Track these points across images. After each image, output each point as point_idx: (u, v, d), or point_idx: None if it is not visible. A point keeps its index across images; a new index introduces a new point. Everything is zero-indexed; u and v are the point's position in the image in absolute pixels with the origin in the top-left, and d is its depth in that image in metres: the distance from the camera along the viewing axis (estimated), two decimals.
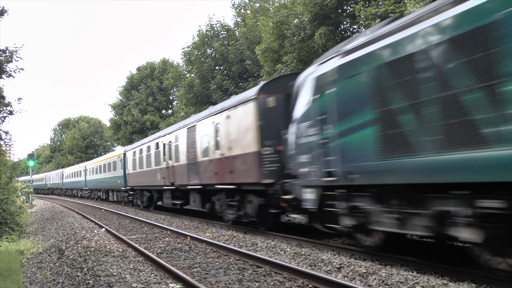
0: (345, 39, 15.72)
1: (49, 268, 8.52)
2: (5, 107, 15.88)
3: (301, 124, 8.51)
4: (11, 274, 7.50)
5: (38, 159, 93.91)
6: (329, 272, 6.69)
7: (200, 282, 6.41)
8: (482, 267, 5.55)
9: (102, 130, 72.45)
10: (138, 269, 7.31)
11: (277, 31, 17.66)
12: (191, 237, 10.87)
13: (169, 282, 6.43)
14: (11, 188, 19.23)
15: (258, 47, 19.05)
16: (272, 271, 6.88)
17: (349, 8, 15.73)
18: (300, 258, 7.78)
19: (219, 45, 25.62)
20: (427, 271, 6.35)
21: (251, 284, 6.20)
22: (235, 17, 27.84)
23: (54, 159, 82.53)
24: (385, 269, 6.45)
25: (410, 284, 5.55)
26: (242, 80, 25.62)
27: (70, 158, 68.45)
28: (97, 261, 7.94)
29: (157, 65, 43.09)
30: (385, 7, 12.22)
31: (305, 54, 16.53)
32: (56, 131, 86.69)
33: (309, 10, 15.28)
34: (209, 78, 25.97)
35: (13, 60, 14.97)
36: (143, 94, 40.78)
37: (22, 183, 33.18)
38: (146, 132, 39.97)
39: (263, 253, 8.63)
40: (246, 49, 24.01)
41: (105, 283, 6.41)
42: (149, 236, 12.01)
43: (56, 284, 6.98)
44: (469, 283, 5.56)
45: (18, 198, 24.30)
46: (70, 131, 75.55)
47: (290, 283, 6.13)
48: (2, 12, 14.66)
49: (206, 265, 7.66)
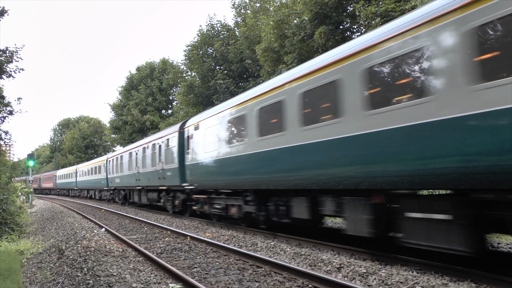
0: (345, 39, 15.73)
1: (49, 268, 8.52)
2: (5, 107, 15.87)
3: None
4: (11, 274, 7.50)
5: (38, 159, 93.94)
6: (329, 272, 6.68)
7: (200, 282, 6.40)
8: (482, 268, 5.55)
9: (102, 130, 72.45)
10: (138, 269, 7.31)
11: (277, 31, 17.67)
12: (191, 237, 10.87)
13: (169, 282, 6.42)
14: (11, 188, 19.22)
15: (258, 47, 19.05)
16: (272, 271, 6.87)
17: (349, 7, 15.72)
18: (300, 258, 7.78)
19: (219, 45, 25.62)
20: (427, 271, 6.35)
21: (251, 284, 6.20)
22: (235, 17, 27.85)
23: (54, 159, 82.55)
24: (385, 269, 6.44)
25: (410, 284, 5.54)
26: (242, 80, 25.63)
27: (70, 158, 68.47)
28: (97, 261, 7.94)
29: (157, 65, 43.09)
30: (385, 6, 12.22)
31: (306, 54, 16.53)
32: (56, 131, 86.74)
33: (309, 9, 15.28)
34: (210, 77, 25.98)
35: (13, 61, 14.98)
36: (143, 94, 40.78)
37: (22, 183, 33.39)
38: (146, 132, 39.96)
39: (263, 253, 8.62)
40: (246, 48, 24.01)
41: (105, 283, 6.40)
42: (149, 236, 12.01)
43: (56, 284, 6.97)
44: (469, 283, 5.56)
45: (18, 198, 24.30)
46: (70, 131, 75.57)
47: (290, 283, 6.13)
48: (2, 12, 14.66)
49: (206, 265, 7.65)
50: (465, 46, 5.33)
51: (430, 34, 5.81)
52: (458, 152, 5.37)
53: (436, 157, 5.64)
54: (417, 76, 6.04)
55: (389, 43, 6.45)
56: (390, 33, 6.50)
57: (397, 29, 6.39)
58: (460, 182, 5.45)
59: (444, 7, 5.68)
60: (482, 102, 5.08)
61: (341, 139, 7.39)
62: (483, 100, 5.08)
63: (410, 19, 6.28)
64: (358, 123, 6.99)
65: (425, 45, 5.87)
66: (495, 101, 4.95)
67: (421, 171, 5.89)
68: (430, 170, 5.77)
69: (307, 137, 8.33)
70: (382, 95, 6.59)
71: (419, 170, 5.92)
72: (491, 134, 5.01)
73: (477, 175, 5.20)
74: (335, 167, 7.58)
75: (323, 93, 7.99)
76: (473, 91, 5.21)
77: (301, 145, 8.53)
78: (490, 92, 5.01)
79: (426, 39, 5.87)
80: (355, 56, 7.15)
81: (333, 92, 7.63)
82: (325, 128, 7.83)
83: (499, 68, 4.98)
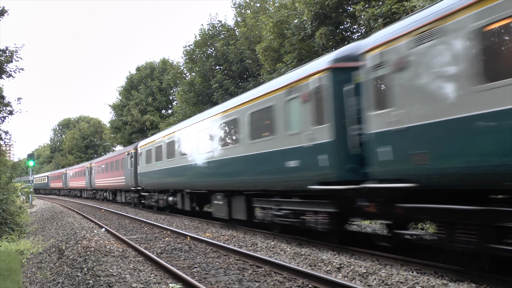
0: (346, 39, 15.73)
1: (49, 268, 8.52)
2: (5, 107, 15.86)
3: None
4: (11, 274, 7.49)
5: (38, 159, 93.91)
6: (329, 272, 6.69)
7: (200, 282, 6.40)
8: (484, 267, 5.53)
9: (102, 130, 72.37)
10: (138, 269, 7.31)
11: (277, 30, 17.66)
12: (191, 237, 10.87)
13: (169, 282, 6.42)
14: (11, 188, 19.22)
15: (259, 46, 19.04)
16: (272, 271, 6.87)
17: (349, 8, 15.71)
18: (300, 258, 7.78)
19: (221, 44, 25.62)
20: (427, 271, 6.35)
21: (251, 284, 6.20)
22: (235, 17, 27.84)
23: (54, 159, 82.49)
24: (385, 269, 6.44)
25: (410, 284, 5.54)
26: (242, 80, 25.62)
27: (70, 158, 68.41)
28: (97, 261, 7.94)
29: (157, 65, 43.06)
30: (387, 6, 12.18)
31: (305, 54, 16.53)
32: (56, 131, 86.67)
33: (309, 10, 15.27)
34: (210, 77, 25.97)
35: (13, 60, 14.96)
36: (143, 94, 40.75)
37: (22, 183, 33.54)
38: (146, 132, 39.93)
39: (263, 253, 8.63)
40: (246, 48, 24.01)
41: (105, 283, 6.40)
42: (149, 236, 12.01)
43: (56, 284, 6.97)
44: (469, 283, 5.56)
45: (18, 198, 24.30)
46: (70, 131, 75.50)
47: (290, 283, 6.13)
48: (2, 12, 14.65)
49: (206, 265, 7.65)
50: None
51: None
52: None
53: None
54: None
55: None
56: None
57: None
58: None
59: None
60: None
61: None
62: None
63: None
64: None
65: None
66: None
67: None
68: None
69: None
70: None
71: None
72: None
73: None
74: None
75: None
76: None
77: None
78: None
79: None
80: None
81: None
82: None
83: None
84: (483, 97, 5.12)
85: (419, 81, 6.06)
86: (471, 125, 5.27)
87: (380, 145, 6.72)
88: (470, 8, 5.32)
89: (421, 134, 6.01)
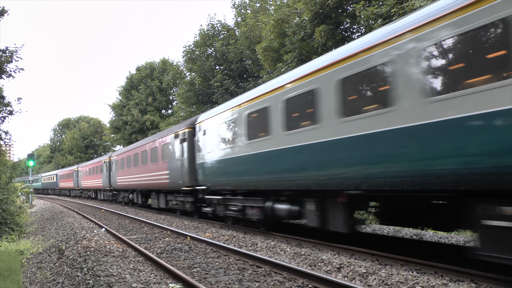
0: (345, 39, 15.72)
1: (49, 268, 8.52)
2: (5, 107, 15.87)
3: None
4: (11, 274, 7.50)
5: (38, 159, 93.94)
6: (329, 272, 6.68)
7: (200, 282, 6.40)
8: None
9: (102, 130, 72.40)
10: (138, 269, 7.31)
11: (277, 29, 17.66)
12: (191, 237, 10.87)
13: (169, 282, 6.42)
14: (11, 188, 19.22)
15: (259, 46, 19.05)
16: (272, 271, 6.87)
17: (349, 7, 15.71)
18: (300, 258, 7.78)
19: (220, 44, 25.62)
20: (427, 271, 6.35)
21: (251, 284, 6.20)
22: (235, 17, 27.85)
23: (54, 159, 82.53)
24: (385, 269, 6.44)
25: (410, 284, 5.54)
26: (242, 80, 25.63)
27: (70, 158, 68.46)
28: (97, 261, 7.94)
29: (157, 65, 43.07)
30: (387, 6, 12.17)
31: (305, 53, 16.53)
32: (56, 131, 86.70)
33: (309, 9, 15.28)
34: (210, 77, 25.98)
35: (13, 60, 14.97)
36: (143, 94, 40.76)
37: (22, 183, 33.60)
38: (146, 132, 39.93)
39: (263, 253, 8.62)
40: (246, 48, 24.01)
41: (105, 283, 6.40)
42: (149, 236, 12.01)
43: (56, 284, 6.97)
44: (469, 283, 5.56)
45: (18, 198, 24.30)
46: (70, 131, 75.55)
47: (290, 283, 6.13)
48: (2, 12, 14.65)
49: (206, 265, 7.65)
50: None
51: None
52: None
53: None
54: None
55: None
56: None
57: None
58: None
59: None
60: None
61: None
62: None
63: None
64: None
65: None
66: None
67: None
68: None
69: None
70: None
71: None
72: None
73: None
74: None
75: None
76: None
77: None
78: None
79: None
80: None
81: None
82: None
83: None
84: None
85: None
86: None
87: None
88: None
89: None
